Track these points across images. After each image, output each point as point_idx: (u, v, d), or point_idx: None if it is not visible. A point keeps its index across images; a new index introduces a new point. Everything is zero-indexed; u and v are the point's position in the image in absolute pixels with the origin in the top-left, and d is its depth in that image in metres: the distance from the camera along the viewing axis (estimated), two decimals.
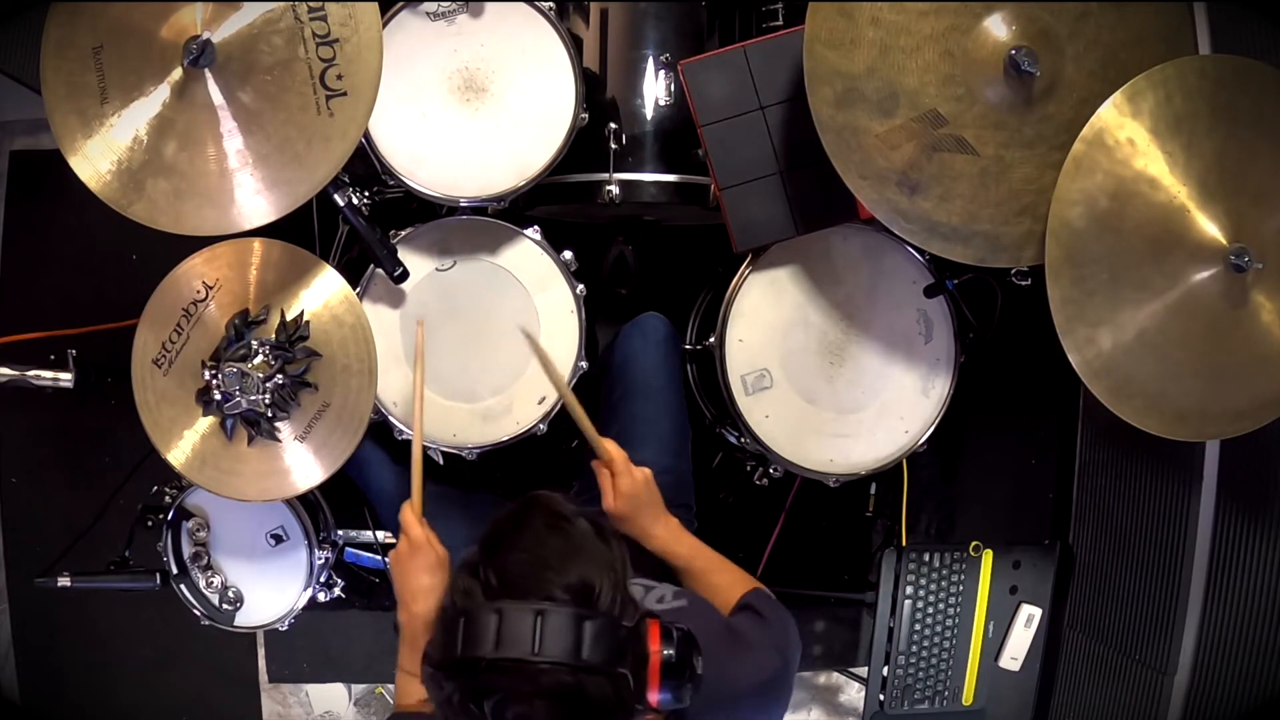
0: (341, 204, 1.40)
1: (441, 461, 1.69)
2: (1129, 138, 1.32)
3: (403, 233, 1.55)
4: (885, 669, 1.85)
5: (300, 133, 1.26)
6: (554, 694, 0.84)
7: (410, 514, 1.29)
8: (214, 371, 1.39)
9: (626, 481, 1.32)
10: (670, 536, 1.36)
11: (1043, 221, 1.35)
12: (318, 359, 1.42)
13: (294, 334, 1.41)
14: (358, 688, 2.22)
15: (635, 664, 0.89)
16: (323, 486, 1.45)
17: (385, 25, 1.45)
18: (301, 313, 1.41)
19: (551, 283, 1.58)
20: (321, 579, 1.73)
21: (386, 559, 1.94)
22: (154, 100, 1.26)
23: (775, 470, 1.69)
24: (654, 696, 0.91)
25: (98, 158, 1.27)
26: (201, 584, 1.67)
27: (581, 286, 1.58)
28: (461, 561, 0.92)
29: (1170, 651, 1.76)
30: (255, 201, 1.28)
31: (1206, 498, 1.71)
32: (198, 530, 1.64)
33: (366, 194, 1.65)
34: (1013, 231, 1.38)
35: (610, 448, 1.35)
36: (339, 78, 1.26)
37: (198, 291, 1.40)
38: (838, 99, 1.32)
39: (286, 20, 1.25)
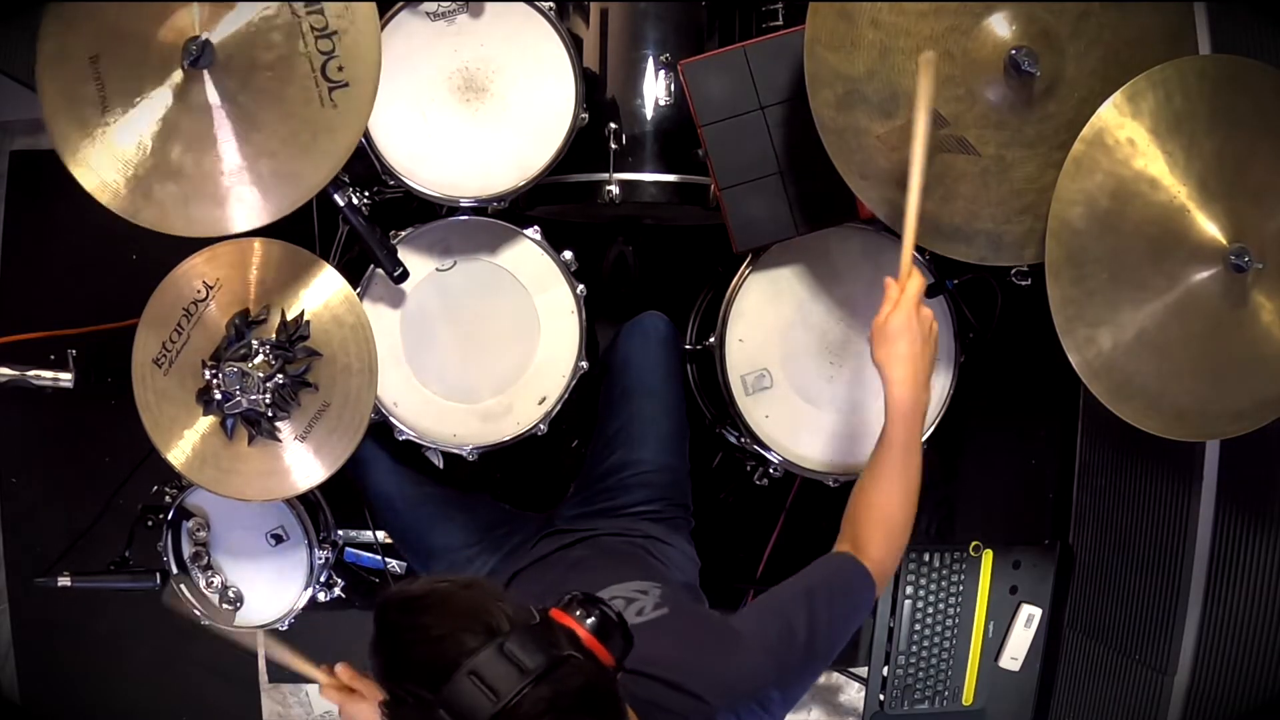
0: (341, 204, 1.39)
1: (440, 463, 1.69)
2: (1129, 138, 1.32)
3: (403, 233, 1.55)
4: (885, 669, 1.85)
5: (305, 126, 1.26)
6: (542, 712, 0.83)
7: (338, 689, 1.26)
8: (214, 371, 1.39)
9: (907, 302, 1.27)
10: (906, 403, 1.27)
11: (1044, 220, 1.35)
12: (318, 359, 1.42)
13: (294, 334, 1.41)
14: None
15: (572, 645, 0.89)
16: (323, 486, 1.45)
17: (385, 25, 1.45)
18: (302, 312, 1.41)
19: (551, 283, 1.58)
20: (322, 579, 1.73)
21: (387, 560, 1.94)
22: (155, 105, 1.26)
23: (775, 470, 1.69)
24: (607, 658, 0.92)
25: (102, 167, 1.26)
26: (201, 584, 1.67)
27: (582, 286, 1.58)
28: (381, 705, 0.90)
29: (1170, 651, 1.76)
30: (264, 199, 1.27)
31: (1206, 498, 1.72)
32: (198, 530, 1.64)
33: (366, 194, 1.65)
34: (1015, 230, 1.38)
35: (917, 276, 1.29)
36: (340, 69, 1.25)
37: (198, 291, 1.40)
38: (839, 101, 1.32)
39: (284, 16, 1.25)
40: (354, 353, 1.42)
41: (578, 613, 0.93)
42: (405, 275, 1.47)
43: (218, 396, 1.39)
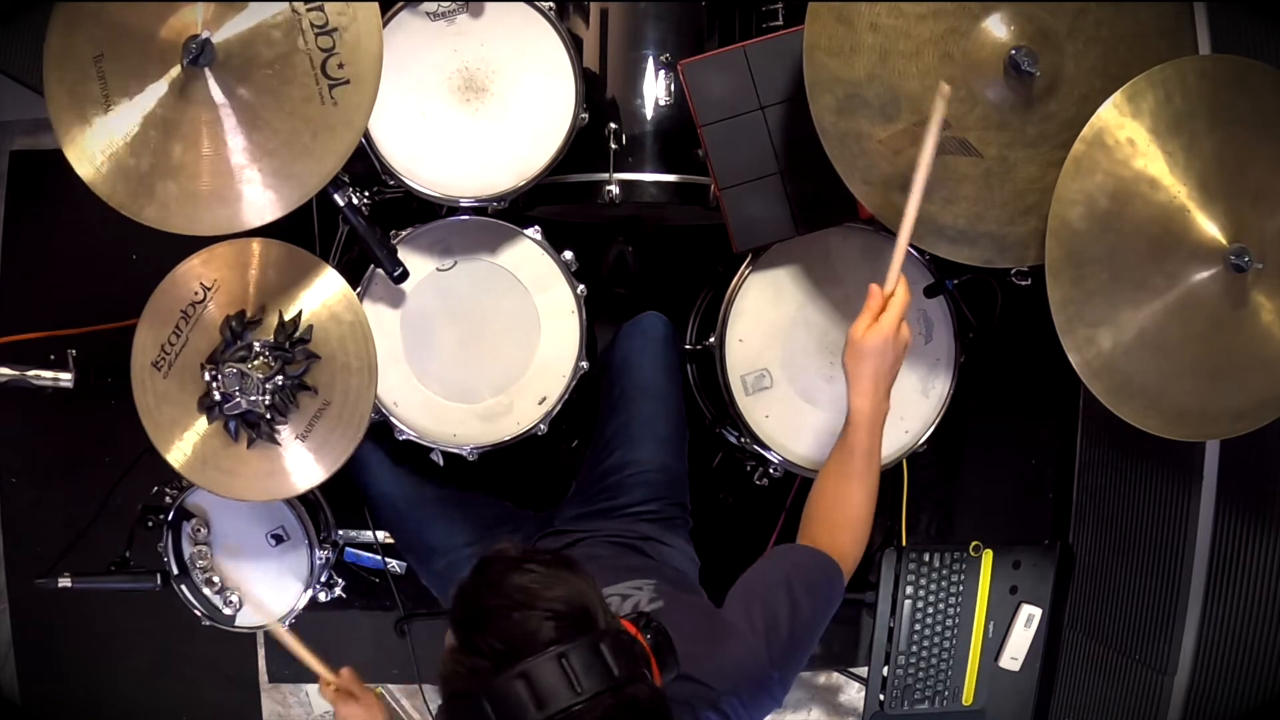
0: (341, 204, 1.39)
1: (441, 462, 1.69)
2: (1129, 138, 1.32)
3: (403, 233, 1.55)
4: (885, 669, 1.85)
5: (306, 124, 1.26)
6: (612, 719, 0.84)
7: (340, 694, 1.40)
8: (213, 373, 1.38)
9: (888, 322, 1.25)
10: (866, 414, 1.27)
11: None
12: (317, 360, 1.41)
13: (292, 335, 1.40)
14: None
15: (644, 661, 0.91)
16: (323, 486, 1.45)
17: (385, 25, 1.45)
18: (300, 313, 1.41)
19: (552, 283, 1.58)
20: (322, 579, 1.73)
21: (387, 560, 1.94)
22: (157, 103, 1.26)
23: (775, 470, 1.69)
24: (658, 679, 0.93)
25: (105, 165, 1.26)
26: (201, 584, 1.67)
27: (582, 286, 1.58)
28: (450, 647, 0.90)
29: (1170, 651, 1.76)
30: (266, 197, 1.27)
31: (1206, 498, 1.72)
32: (198, 530, 1.64)
33: (366, 194, 1.65)
34: (1019, 231, 1.38)
35: (902, 291, 1.27)
36: (340, 66, 1.25)
37: (195, 293, 1.40)
38: (839, 106, 1.32)
39: (284, 14, 1.25)
40: (353, 351, 1.42)
41: (641, 630, 0.95)
42: (405, 275, 1.47)
43: (217, 397, 1.39)
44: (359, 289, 1.52)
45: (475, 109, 1.51)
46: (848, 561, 1.28)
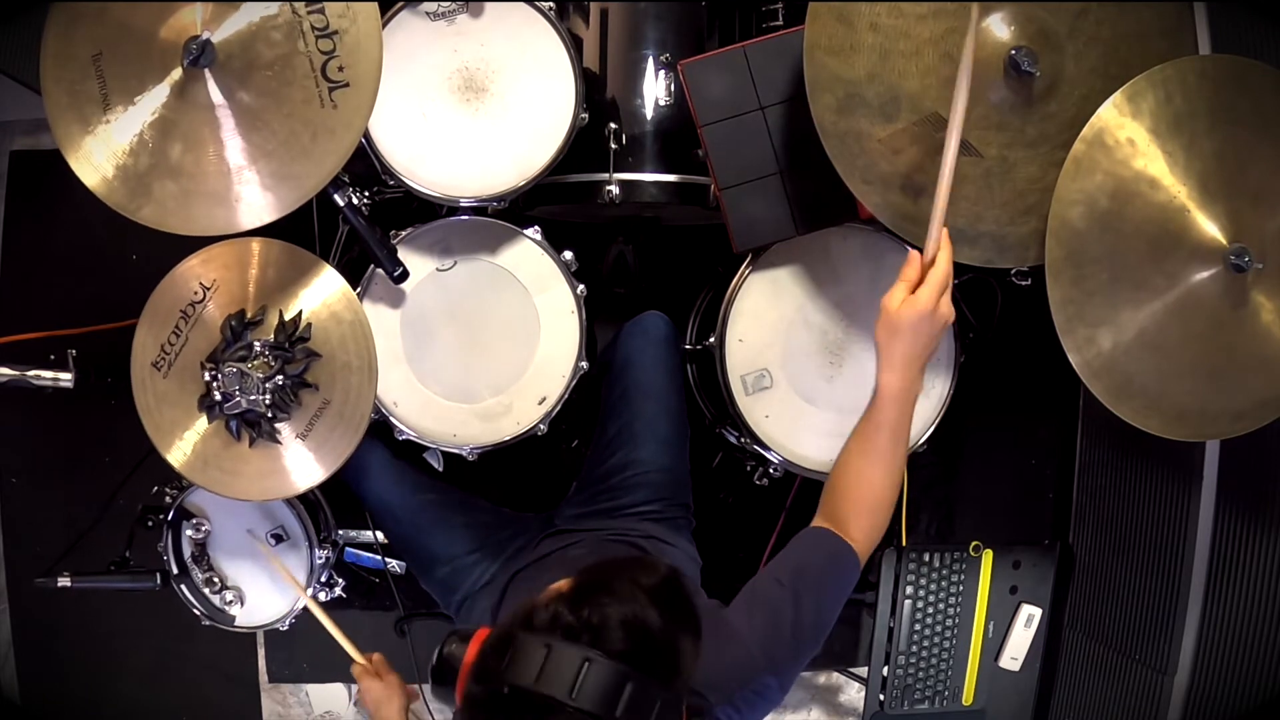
0: (341, 204, 1.39)
1: (440, 467, 1.69)
2: (1129, 138, 1.32)
3: (403, 233, 1.55)
4: (885, 669, 1.85)
5: (305, 126, 1.26)
6: None
7: (366, 672, 1.45)
8: (213, 372, 1.38)
9: (926, 298, 1.18)
10: (894, 390, 1.22)
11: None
12: (317, 359, 1.41)
13: (293, 334, 1.40)
14: (358, 687, 2.22)
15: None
16: (323, 486, 1.45)
17: (385, 25, 1.45)
18: (300, 312, 1.41)
19: (552, 283, 1.58)
20: (322, 579, 1.73)
21: (387, 560, 1.94)
22: (156, 103, 1.26)
23: (775, 470, 1.69)
24: None
25: (103, 164, 1.26)
26: (201, 584, 1.67)
27: (582, 286, 1.58)
28: (557, 593, 0.88)
29: (1170, 651, 1.76)
30: (264, 198, 1.27)
31: (1206, 498, 1.72)
32: (198, 530, 1.64)
33: (366, 194, 1.65)
34: (1019, 231, 1.38)
35: (944, 260, 1.20)
36: (340, 69, 1.26)
37: (195, 293, 1.40)
38: (839, 105, 1.32)
39: (285, 16, 1.25)
40: (353, 350, 1.42)
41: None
42: (405, 275, 1.47)
43: (218, 397, 1.39)
44: (359, 289, 1.52)
45: (475, 109, 1.51)
46: (863, 544, 1.25)
